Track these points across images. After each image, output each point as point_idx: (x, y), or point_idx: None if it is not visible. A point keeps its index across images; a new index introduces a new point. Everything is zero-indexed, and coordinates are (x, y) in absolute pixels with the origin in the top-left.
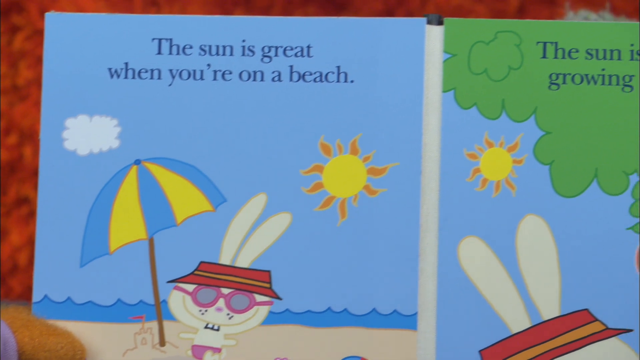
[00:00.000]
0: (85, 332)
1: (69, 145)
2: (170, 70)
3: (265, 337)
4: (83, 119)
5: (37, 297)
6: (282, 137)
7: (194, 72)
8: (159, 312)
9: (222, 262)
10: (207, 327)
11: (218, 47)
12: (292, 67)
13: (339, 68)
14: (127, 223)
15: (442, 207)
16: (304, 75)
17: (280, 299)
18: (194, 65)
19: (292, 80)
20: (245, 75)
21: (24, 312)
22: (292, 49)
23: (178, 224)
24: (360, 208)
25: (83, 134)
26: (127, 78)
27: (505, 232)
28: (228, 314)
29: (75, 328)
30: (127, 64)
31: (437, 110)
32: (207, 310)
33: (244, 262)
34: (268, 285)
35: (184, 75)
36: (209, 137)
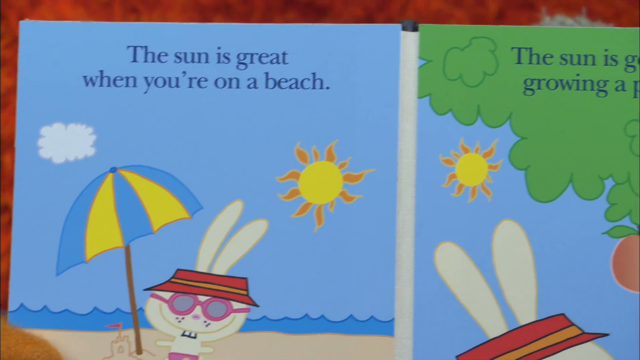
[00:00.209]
0: (62, 340)
1: (45, 154)
2: (146, 78)
3: (243, 344)
4: (58, 127)
5: (13, 305)
6: (258, 144)
7: (170, 79)
8: (136, 320)
9: (198, 269)
10: (184, 334)
11: (193, 54)
12: (267, 74)
13: (315, 75)
14: (103, 231)
15: (418, 213)
16: (280, 82)
17: (258, 306)
18: (170, 73)
19: (267, 87)
20: (221, 83)
21: (0, 321)
22: (267, 56)
23: (154, 232)
24: (337, 214)
25: (58, 142)
26: (102, 86)
27: (482, 237)
28: (205, 322)
29: (52, 337)
30: (102, 72)
31: (412, 116)
32: (184, 318)
33: (221, 269)
34: (245, 293)
35: (160, 83)
36: (185, 144)
